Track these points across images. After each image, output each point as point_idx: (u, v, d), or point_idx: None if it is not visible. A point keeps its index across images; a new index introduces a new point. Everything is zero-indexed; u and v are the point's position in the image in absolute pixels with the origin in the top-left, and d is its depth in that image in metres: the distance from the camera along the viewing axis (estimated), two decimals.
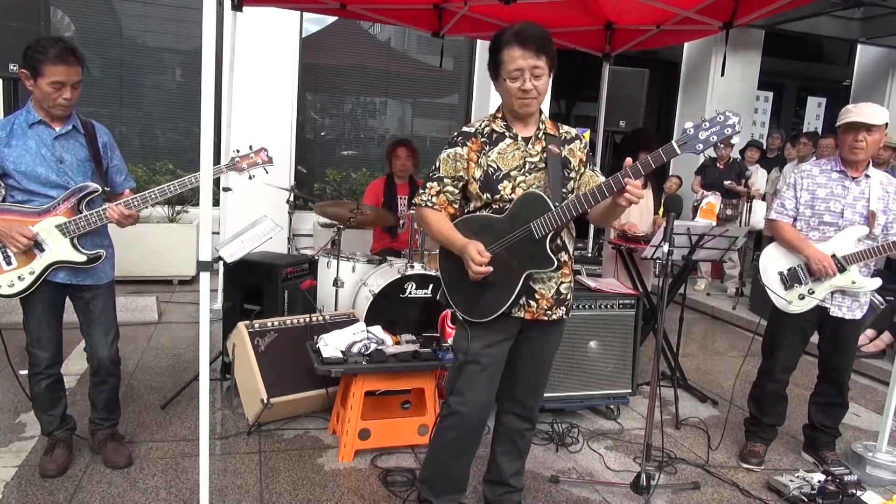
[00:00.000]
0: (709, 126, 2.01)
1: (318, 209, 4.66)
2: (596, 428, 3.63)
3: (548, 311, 2.33)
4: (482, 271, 2.18)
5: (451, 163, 2.28)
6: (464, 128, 2.34)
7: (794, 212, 3.17)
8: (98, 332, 2.80)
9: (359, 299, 4.16)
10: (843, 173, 3.09)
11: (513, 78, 2.17)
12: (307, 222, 6.91)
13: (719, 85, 8.37)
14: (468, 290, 2.29)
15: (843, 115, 3.04)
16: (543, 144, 2.30)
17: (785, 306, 3.15)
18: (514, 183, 2.25)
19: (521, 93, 2.18)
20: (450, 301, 2.36)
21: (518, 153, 2.28)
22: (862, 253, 3.01)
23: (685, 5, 4.27)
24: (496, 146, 2.28)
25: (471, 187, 2.29)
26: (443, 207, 2.30)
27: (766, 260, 3.25)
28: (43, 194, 2.59)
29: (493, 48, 2.24)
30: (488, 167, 2.25)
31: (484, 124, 2.32)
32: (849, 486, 2.82)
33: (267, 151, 2.91)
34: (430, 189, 2.31)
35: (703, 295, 7.03)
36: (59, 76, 2.50)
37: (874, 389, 4.65)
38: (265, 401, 3.17)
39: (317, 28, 7.38)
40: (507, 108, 2.30)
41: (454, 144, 2.30)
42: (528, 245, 2.22)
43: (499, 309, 2.25)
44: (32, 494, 2.65)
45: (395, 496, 2.77)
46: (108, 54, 6.74)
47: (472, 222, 2.30)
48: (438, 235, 2.31)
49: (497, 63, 2.21)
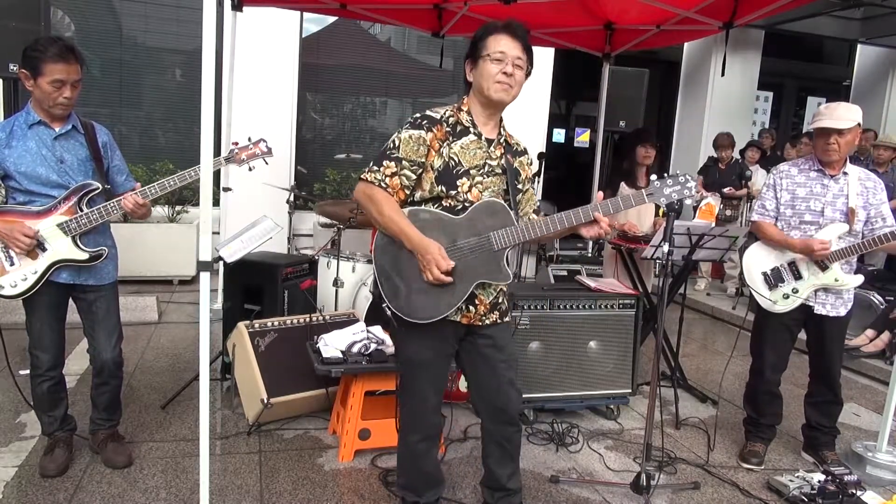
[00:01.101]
0: (672, 184, 2.25)
1: (318, 209, 4.66)
2: (596, 428, 3.63)
3: (483, 316, 2.27)
4: (444, 280, 2.08)
5: (413, 145, 2.15)
6: (428, 112, 2.21)
7: (776, 212, 3.19)
8: (101, 334, 2.80)
9: (359, 299, 4.16)
10: (821, 172, 3.10)
11: (496, 59, 2.12)
12: (307, 222, 6.91)
13: (719, 85, 8.37)
14: (407, 285, 2.16)
15: (815, 118, 3.07)
16: (503, 150, 2.28)
17: (770, 306, 3.18)
18: (472, 182, 2.19)
19: (502, 75, 2.13)
20: (382, 294, 2.20)
21: (480, 152, 2.22)
22: (844, 250, 3.02)
23: (685, 5, 4.27)
24: (459, 139, 2.19)
25: (426, 175, 2.17)
26: (395, 191, 2.15)
27: (749, 261, 3.27)
28: (44, 195, 2.59)
29: (477, 36, 2.19)
30: (449, 159, 2.16)
31: (449, 113, 2.22)
32: (849, 486, 2.82)
33: (266, 142, 2.91)
34: (385, 168, 2.14)
35: (704, 295, 7.03)
36: (58, 74, 2.50)
37: (874, 389, 4.65)
38: (265, 401, 3.17)
39: (317, 28, 7.38)
40: (478, 97, 2.20)
41: (418, 126, 2.16)
42: (484, 255, 2.17)
43: (440, 314, 2.16)
44: (32, 494, 2.65)
45: (395, 496, 2.77)
46: (108, 54, 6.74)
47: (422, 216, 2.16)
48: (389, 223, 2.13)
49: (479, 47, 2.15)
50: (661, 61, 8.62)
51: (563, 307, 3.53)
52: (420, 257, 2.12)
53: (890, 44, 9.09)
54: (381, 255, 2.22)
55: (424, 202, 2.19)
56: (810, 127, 3.09)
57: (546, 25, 4.97)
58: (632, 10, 4.62)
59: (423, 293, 2.16)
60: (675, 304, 4.40)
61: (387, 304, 2.20)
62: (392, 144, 2.18)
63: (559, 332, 3.53)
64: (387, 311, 2.21)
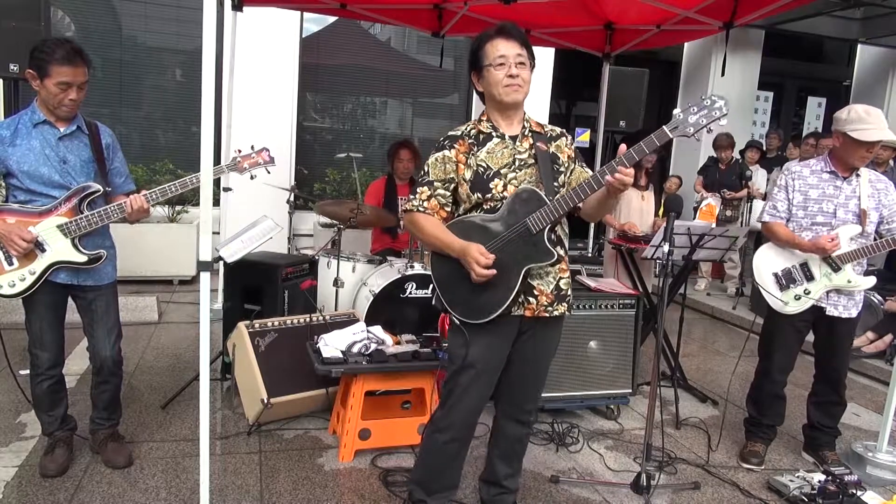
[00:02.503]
0: (697, 110, 2.04)
1: (318, 209, 4.66)
2: (596, 428, 3.63)
3: (548, 307, 2.29)
4: (486, 274, 2.14)
5: (440, 166, 2.26)
6: (449, 132, 2.32)
7: (787, 213, 3.17)
8: (101, 332, 2.80)
9: (359, 299, 4.16)
10: (833, 173, 3.09)
11: (498, 65, 2.17)
12: (307, 222, 6.91)
13: (719, 85, 8.36)
14: (464, 291, 2.24)
15: (860, 126, 2.93)
16: (531, 141, 2.29)
17: (781, 307, 3.15)
18: (506, 180, 2.23)
19: (508, 79, 2.17)
20: (445, 305, 2.30)
21: (507, 151, 2.26)
22: (856, 252, 3.01)
23: (685, 5, 4.28)
24: (484, 146, 2.26)
25: (461, 189, 2.26)
26: (435, 212, 2.26)
27: (759, 261, 3.25)
28: (45, 194, 2.59)
29: (474, 47, 2.25)
30: (478, 167, 2.23)
31: (469, 127, 2.30)
32: (849, 486, 2.82)
33: (268, 151, 2.90)
34: (420, 194, 2.28)
35: (704, 295, 7.03)
36: (65, 77, 2.51)
37: (874, 389, 4.65)
38: (265, 401, 3.17)
39: (317, 28, 7.38)
40: (493, 103, 2.28)
41: (441, 148, 2.28)
42: (525, 240, 2.20)
43: (499, 308, 2.20)
44: (33, 494, 2.65)
45: (395, 496, 2.77)
46: (108, 54, 6.74)
47: (464, 225, 2.26)
48: (433, 240, 2.26)
49: (479, 57, 2.22)
50: (661, 61, 8.62)
51: None
52: (463, 261, 2.19)
53: (890, 44, 9.09)
54: (435, 270, 2.34)
55: (468, 212, 2.28)
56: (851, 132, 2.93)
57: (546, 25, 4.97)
58: (632, 10, 4.62)
59: (478, 294, 2.23)
60: (676, 304, 4.40)
61: (452, 314, 2.29)
62: (423, 171, 2.31)
63: None
64: (455, 320, 2.29)
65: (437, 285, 2.33)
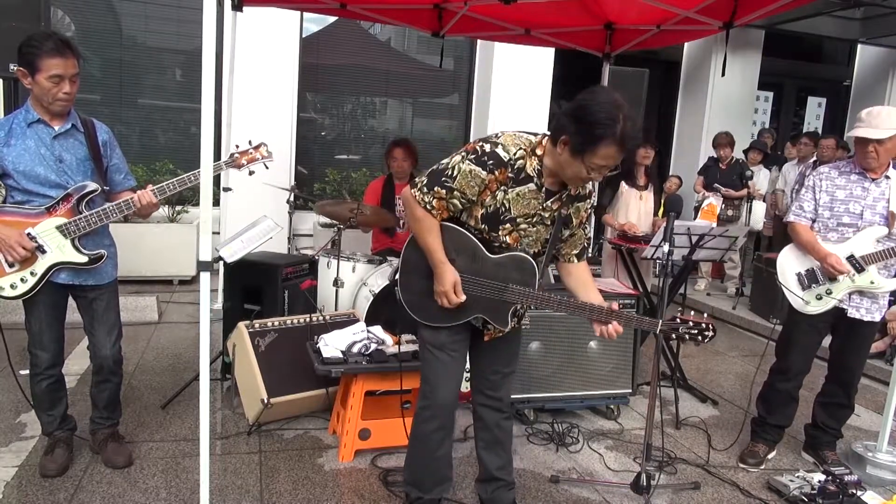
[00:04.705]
0: None
1: (318, 209, 4.66)
2: (596, 428, 3.63)
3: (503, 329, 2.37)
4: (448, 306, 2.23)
5: (471, 181, 2.13)
6: (499, 150, 2.11)
7: (813, 214, 3.15)
8: (101, 331, 2.80)
9: (359, 299, 4.16)
10: (862, 175, 3.06)
11: (596, 168, 2.04)
12: (307, 222, 6.91)
13: (719, 85, 8.37)
14: (420, 287, 2.30)
15: (854, 125, 3.03)
16: (561, 203, 2.23)
17: (802, 306, 3.13)
18: (516, 227, 2.22)
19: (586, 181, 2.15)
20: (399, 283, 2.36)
21: (535, 202, 2.18)
22: (881, 253, 2.99)
23: (685, 5, 4.27)
24: (519, 186, 2.15)
25: (474, 208, 2.21)
26: (439, 212, 2.22)
27: (783, 261, 3.23)
28: (42, 194, 2.57)
29: (590, 129, 1.97)
30: (501, 205, 2.16)
31: (519, 155, 2.12)
32: (849, 486, 2.82)
33: (266, 146, 2.89)
34: (436, 193, 2.17)
35: (704, 295, 7.03)
36: (56, 69, 2.48)
37: (874, 389, 4.65)
38: (265, 401, 3.17)
39: (317, 28, 7.38)
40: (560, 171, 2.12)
41: (482, 165, 2.10)
42: (494, 298, 2.26)
43: (447, 323, 2.31)
44: (33, 494, 2.65)
45: (395, 496, 2.77)
46: (108, 54, 6.74)
47: (460, 239, 2.24)
48: (422, 239, 2.25)
49: (591, 144, 1.98)
50: (661, 61, 8.61)
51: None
52: (436, 279, 2.23)
53: (890, 44, 9.09)
54: (410, 250, 2.34)
55: (469, 230, 2.26)
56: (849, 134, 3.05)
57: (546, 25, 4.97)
58: (632, 10, 4.62)
59: (431, 299, 2.29)
60: (675, 304, 4.40)
61: (399, 293, 2.34)
62: (450, 171, 2.15)
63: (559, 332, 3.52)
64: (397, 294, 2.35)
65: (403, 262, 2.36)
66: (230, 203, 5.39)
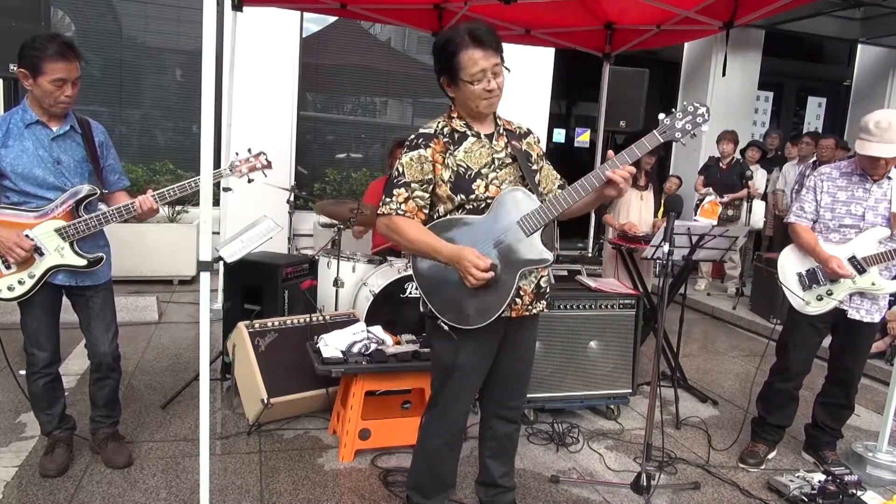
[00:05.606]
0: (682, 116, 2.11)
1: (318, 209, 4.66)
2: (596, 428, 3.63)
3: (529, 305, 2.28)
4: (485, 277, 2.06)
5: (417, 166, 2.15)
6: (421, 129, 2.22)
7: (814, 215, 3.13)
8: (98, 328, 2.80)
9: (359, 299, 4.16)
10: (863, 176, 3.05)
11: (476, 80, 2.09)
12: (307, 222, 6.91)
13: (719, 85, 8.37)
14: (455, 296, 2.16)
15: (863, 139, 2.91)
16: (506, 140, 2.26)
17: (802, 306, 3.13)
18: (487, 181, 2.18)
19: (487, 93, 2.13)
20: (435, 312, 2.19)
21: (485, 150, 2.21)
22: (883, 254, 2.98)
23: (685, 5, 4.28)
24: (460, 145, 2.19)
25: (439, 190, 2.17)
26: (413, 214, 2.15)
27: (784, 260, 3.23)
28: (40, 196, 2.56)
29: (445, 52, 2.11)
30: (457, 167, 2.16)
31: (442, 124, 2.22)
32: (849, 486, 2.82)
33: (266, 155, 2.89)
34: (397, 196, 2.14)
35: (704, 295, 7.03)
36: (60, 73, 2.47)
37: (874, 389, 4.65)
38: (265, 401, 3.17)
39: (317, 28, 7.38)
40: (467, 111, 2.21)
41: (415, 147, 2.17)
42: (518, 243, 2.16)
43: (495, 312, 2.15)
44: (32, 494, 2.65)
45: (395, 496, 2.77)
46: (108, 54, 6.74)
47: (448, 227, 2.17)
48: (419, 245, 2.15)
49: (454, 66, 2.10)
50: (661, 61, 8.62)
51: (564, 307, 3.53)
52: (456, 266, 2.11)
53: (890, 44, 9.10)
54: (421, 275, 2.23)
55: (448, 213, 2.19)
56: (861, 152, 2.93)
57: (546, 25, 4.97)
58: (632, 10, 4.63)
59: (472, 299, 2.15)
60: (676, 304, 4.40)
61: (441, 320, 2.19)
62: (397, 172, 2.18)
63: (559, 332, 3.52)
64: (443, 326, 2.19)
65: (424, 293, 2.22)
66: (230, 203, 5.40)
